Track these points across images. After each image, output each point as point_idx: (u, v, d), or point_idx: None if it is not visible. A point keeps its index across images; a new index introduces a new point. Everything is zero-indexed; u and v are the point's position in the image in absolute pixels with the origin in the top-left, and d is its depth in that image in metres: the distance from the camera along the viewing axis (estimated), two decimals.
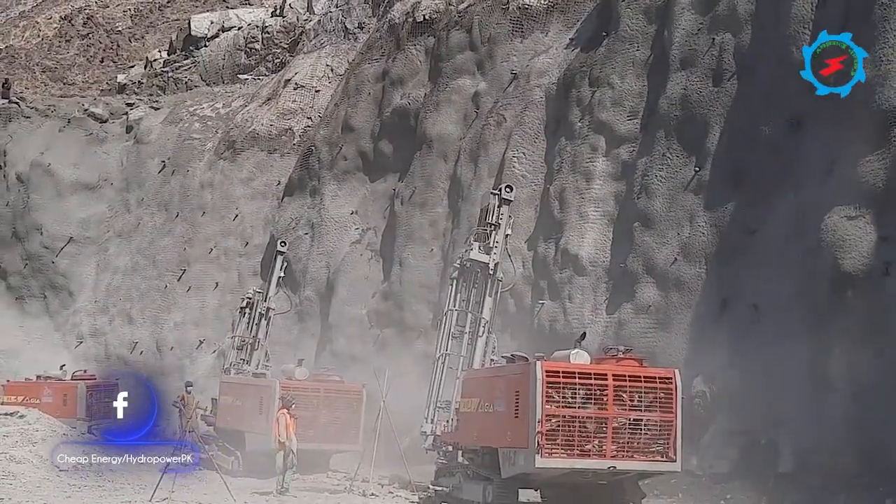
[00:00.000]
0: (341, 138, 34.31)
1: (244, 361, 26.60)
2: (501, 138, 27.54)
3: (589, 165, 24.35)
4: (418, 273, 29.19)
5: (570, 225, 24.19)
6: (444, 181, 29.74)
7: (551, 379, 14.69)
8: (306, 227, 34.32)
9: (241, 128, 39.87)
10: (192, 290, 37.87)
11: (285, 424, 19.55)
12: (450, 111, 30.20)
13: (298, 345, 31.94)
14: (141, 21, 77.78)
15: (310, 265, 33.29)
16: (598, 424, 14.75)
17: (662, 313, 21.22)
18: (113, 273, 40.41)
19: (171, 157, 41.02)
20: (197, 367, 36.01)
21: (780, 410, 17.50)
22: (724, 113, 21.26)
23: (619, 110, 24.15)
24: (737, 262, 19.72)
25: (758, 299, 18.73)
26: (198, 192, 39.38)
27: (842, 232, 17.15)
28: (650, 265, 21.90)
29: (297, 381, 22.92)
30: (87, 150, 42.52)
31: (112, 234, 41.14)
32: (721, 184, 20.86)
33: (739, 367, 18.65)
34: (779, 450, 17.59)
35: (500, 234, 18.95)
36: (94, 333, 39.67)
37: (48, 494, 16.96)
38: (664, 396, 15.07)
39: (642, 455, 14.96)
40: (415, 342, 28.15)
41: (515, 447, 15.11)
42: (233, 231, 38.09)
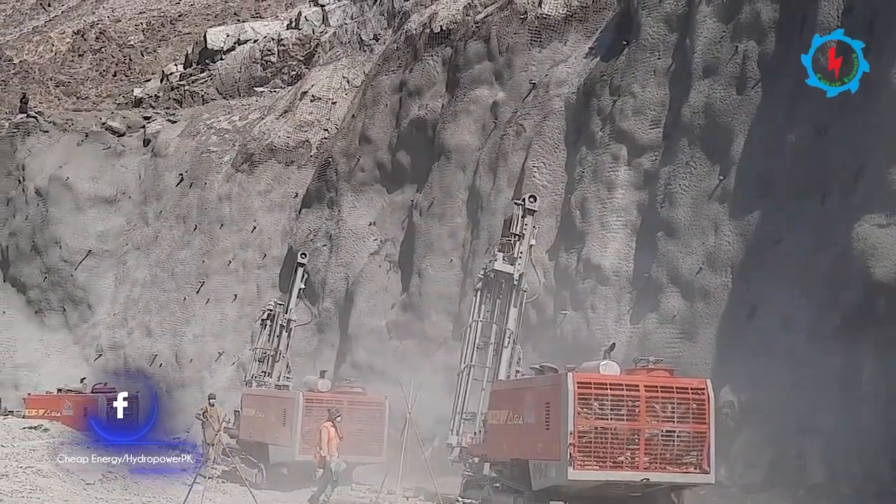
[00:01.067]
0: (359, 150, 34.32)
1: (265, 373, 26.57)
2: (521, 148, 27.47)
3: (611, 174, 24.25)
4: (438, 284, 29.12)
5: (593, 235, 24.08)
6: (463, 192, 29.68)
7: (583, 390, 14.59)
8: (324, 238, 34.32)
9: (259, 140, 39.94)
10: (210, 303, 37.91)
11: (328, 438, 19.33)
12: (468, 122, 30.16)
13: (318, 356, 31.92)
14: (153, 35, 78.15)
15: (328, 277, 33.27)
16: (630, 436, 14.63)
17: (688, 323, 21.08)
18: (132, 286, 40.48)
19: (189, 169, 41.13)
20: (216, 379, 36.02)
21: (811, 420, 17.35)
22: (749, 121, 21.14)
23: (641, 119, 24.05)
24: (764, 271, 19.57)
25: (786, 309, 18.58)
26: (216, 204, 39.45)
27: (872, 240, 17.01)
28: (674, 275, 21.77)
29: (319, 392, 22.85)
30: (105, 163, 42.70)
31: (130, 247, 41.23)
32: (746, 192, 20.73)
33: (768, 376, 18.50)
34: (809, 460, 17.45)
35: (524, 244, 18.85)
36: (114, 346, 39.73)
37: None
38: (697, 407, 14.95)
39: (675, 467, 14.83)
40: (435, 353, 28.06)
41: (547, 459, 14.99)
42: (251, 243, 38.14)
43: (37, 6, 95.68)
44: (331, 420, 19.56)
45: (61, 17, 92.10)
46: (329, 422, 19.53)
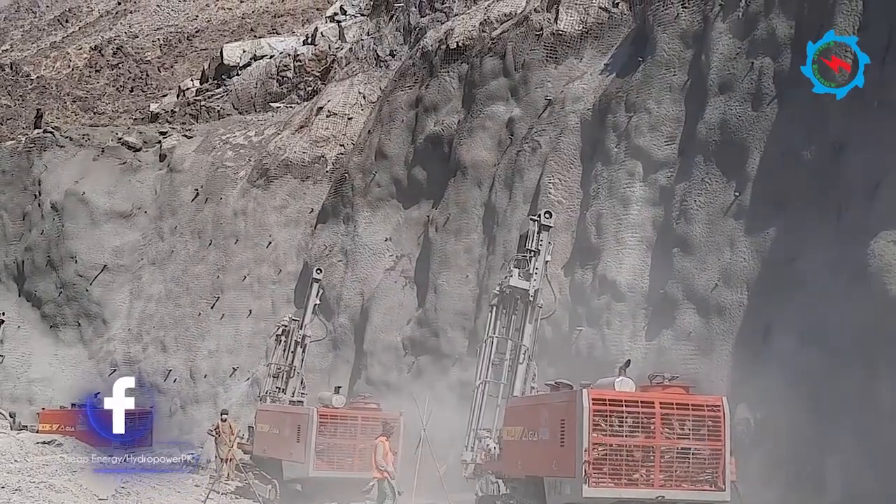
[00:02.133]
0: (375, 165, 34.39)
1: (280, 389, 26.58)
2: (536, 164, 27.47)
3: (626, 191, 24.21)
4: (453, 300, 29.08)
5: (608, 251, 24.03)
6: (479, 207, 29.69)
7: (598, 407, 14.55)
8: (340, 254, 34.35)
9: (274, 156, 40.07)
10: (225, 318, 37.95)
11: (384, 452, 19.26)
12: (484, 137, 30.19)
13: (333, 372, 31.90)
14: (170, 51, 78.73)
15: (344, 292, 33.28)
16: (645, 453, 14.58)
17: (703, 340, 20.98)
18: (146, 301, 40.57)
19: (205, 185, 41.26)
20: (230, 394, 36.02)
21: (828, 439, 17.22)
22: (764, 137, 21.08)
23: (657, 135, 24.03)
24: (780, 288, 19.47)
25: (802, 326, 18.47)
26: (231, 219, 39.55)
27: (889, 257, 16.90)
28: (690, 291, 21.69)
29: (334, 408, 22.82)
30: (120, 178, 42.88)
31: (146, 262, 41.35)
32: (762, 209, 20.65)
33: (784, 394, 18.36)
34: (826, 479, 17.30)
35: (539, 260, 18.86)
36: (128, 361, 39.77)
37: None
38: (712, 424, 14.90)
39: (691, 484, 14.77)
40: (450, 369, 28.01)
41: (561, 476, 14.94)
42: (266, 258, 38.19)
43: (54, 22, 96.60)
44: (385, 435, 19.45)
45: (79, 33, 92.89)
46: (384, 436, 19.42)
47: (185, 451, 34.73)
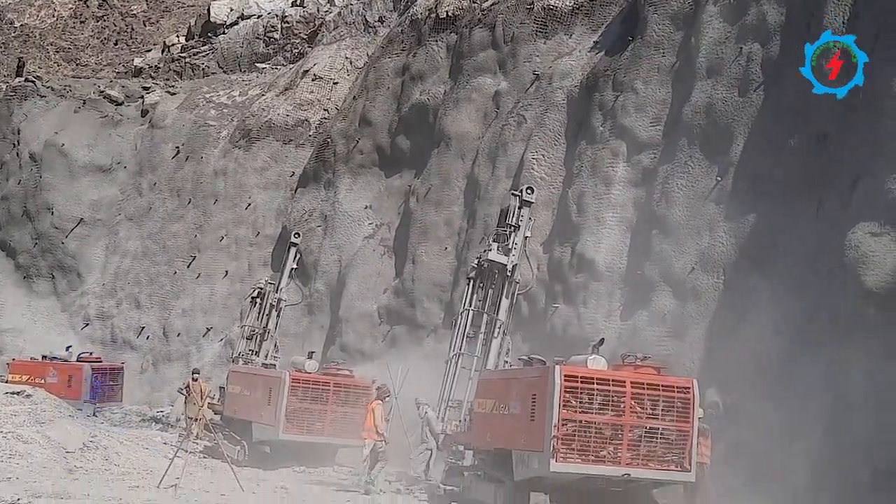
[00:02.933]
0: (358, 132, 34.24)
1: (253, 352, 26.56)
2: (521, 139, 27.41)
3: (609, 170, 24.21)
4: (431, 271, 29.09)
5: (588, 229, 24.05)
6: (461, 180, 29.63)
7: (569, 383, 14.61)
8: (319, 219, 34.25)
9: (257, 117, 39.82)
10: (201, 278, 37.85)
11: (381, 416, 19.22)
12: (469, 109, 30.09)
13: (307, 337, 31.89)
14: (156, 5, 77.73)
15: (321, 258, 33.21)
16: (614, 431, 14.67)
17: (678, 322, 21.07)
18: (122, 256, 40.39)
19: (186, 143, 41.01)
20: (203, 354, 35.98)
21: (796, 425, 17.34)
22: (749, 123, 21.08)
23: (642, 116, 24.00)
24: (756, 274, 19.54)
25: (777, 313, 18.54)
26: (211, 179, 39.35)
27: (865, 248, 16.96)
28: (667, 273, 21.75)
29: (306, 373, 22.84)
30: (101, 132, 42.56)
31: (123, 218, 41.13)
32: (743, 195, 20.68)
33: (755, 379, 18.51)
34: (793, 464, 17.43)
35: (519, 235, 18.88)
36: (101, 316, 39.67)
37: (55, 476, 16.87)
38: (681, 406, 14.99)
39: (657, 464, 14.88)
40: (425, 340, 28.08)
41: (530, 450, 15.02)
42: (245, 220, 38.05)
43: None
44: (380, 399, 19.43)
45: None
46: (378, 401, 19.40)
47: (155, 408, 34.76)
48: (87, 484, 15.89)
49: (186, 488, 16.02)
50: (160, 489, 15.88)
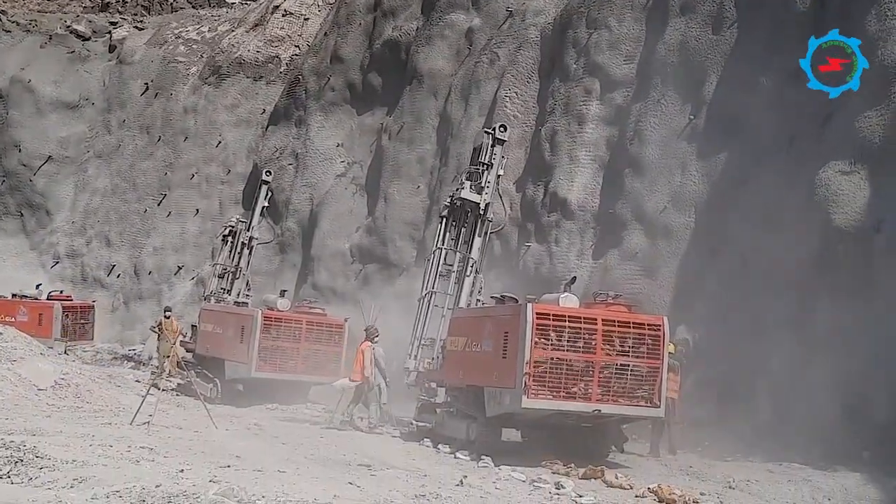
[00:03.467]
0: (329, 69, 33.86)
1: (225, 290, 26.50)
2: (494, 77, 27.23)
3: (582, 108, 24.13)
4: (403, 209, 29.02)
5: (561, 168, 24.03)
6: (434, 118, 29.45)
7: (541, 321, 14.72)
8: (290, 157, 34.00)
9: (227, 53, 39.31)
10: (172, 216, 37.63)
11: (371, 358, 19.18)
12: (442, 46, 29.81)
13: (279, 276, 31.86)
14: None
15: (293, 196, 33.04)
16: (585, 368, 14.83)
17: (649, 261, 21.20)
18: (91, 194, 40.03)
19: (155, 79, 40.47)
20: (175, 292, 35.89)
21: (762, 361, 17.60)
22: (722, 61, 21.05)
23: (616, 54, 23.87)
24: (727, 212, 19.65)
25: (746, 251, 18.71)
26: (181, 116, 38.93)
27: (835, 187, 17.12)
28: (639, 212, 21.83)
29: (279, 311, 22.84)
30: (68, 67, 41.90)
31: (92, 155, 40.70)
32: (715, 133, 20.71)
33: (724, 317, 18.73)
34: (758, 400, 17.72)
35: (492, 174, 18.87)
36: (71, 254, 39.41)
37: (27, 413, 16.82)
38: (652, 343, 15.17)
39: (627, 400, 15.09)
40: (397, 279, 28.09)
41: (502, 387, 15.17)
42: (215, 158, 37.75)
43: None
44: (369, 340, 19.33)
45: None
46: (368, 341, 19.30)
47: (126, 346, 34.71)
48: (60, 421, 15.86)
49: (159, 425, 16.01)
50: (133, 426, 15.87)
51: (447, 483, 12.52)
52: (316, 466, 13.08)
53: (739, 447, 17.01)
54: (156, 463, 11.55)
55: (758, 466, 15.57)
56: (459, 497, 11.21)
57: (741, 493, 13.71)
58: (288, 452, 14.52)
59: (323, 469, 12.82)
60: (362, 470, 13.17)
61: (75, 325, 32.54)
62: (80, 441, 13.03)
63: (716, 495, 13.37)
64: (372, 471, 13.11)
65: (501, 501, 11.40)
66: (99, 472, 10.27)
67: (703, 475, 15.03)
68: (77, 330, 32.68)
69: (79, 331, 32.82)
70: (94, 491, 9.15)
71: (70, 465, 10.61)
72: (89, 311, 33.87)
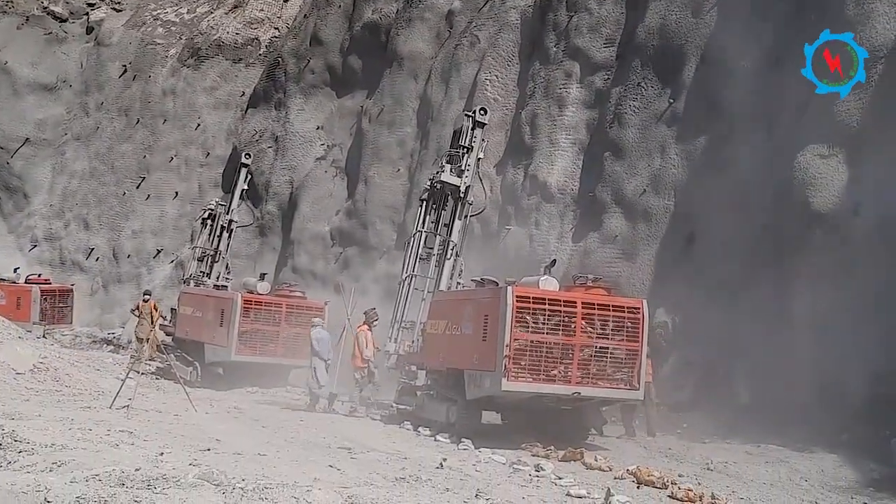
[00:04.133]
0: (309, 51, 33.72)
1: (204, 273, 26.42)
2: (474, 60, 27.18)
3: (562, 92, 24.14)
4: (384, 192, 28.99)
5: (541, 151, 24.06)
6: (414, 100, 29.40)
7: (521, 304, 14.74)
8: (270, 140, 33.88)
9: (206, 35, 39.05)
10: (151, 199, 37.45)
11: (364, 342, 19.06)
12: (422, 29, 29.73)
13: (259, 259, 31.79)
14: None
15: (273, 179, 32.94)
16: (564, 351, 14.87)
17: (629, 244, 21.28)
18: (70, 177, 39.76)
19: (133, 61, 40.17)
20: (154, 275, 35.75)
21: (741, 344, 17.68)
22: (702, 45, 21.09)
23: (596, 37, 23.89)
24: (706, 195, 19.71)
25: (725, 234, 18.79)
26: (159, 98, 38.68)
27: (813, 170, 17.20)
28: (619, 195, 21.89)
29: (258, 294, 22.80)
30: (45, 49, 41.53)
31: (70, 138, 40.40)
32: (695, 117, 20.78)
33: (703, 299, 18.78)
34: (736, 381, 17.84)
35: (472, 157, 18.85)
36: (49, 238, 39.17)
37: (5, 397, 16.72)
38: (631, 326, 15.23)
39: (606, 382, 15.15)
40: (377, 262, 28.08)
41: (482, 370, 15.19)
42: (194, 140, 37.55)
43: None
44: (367, 324, 19.22)
45: None
46: (366, 325, 19.20)
47: (106, 330, 34.58)
48: (39, 405, 15.77)
49: (139, 409, 15.95)
50: (112, 410, 15.81)
51: (427, 466, 12.54)
52: (296, 449, 13.08)
53: (718, 429, 17.11)
54: (135, 446, 11.52)
55: (736, 448, 15.68)
56: (440, 479, 11.23)
57: (719, 474, 13.81)
58: (268, 436, 14.51)
59: (303, 452, 12.82)
60: (343, 453, 13.17)
61: (54, 309, 32.39)
62: (59, 425, 12.97)
63: (694, 477, 13.45)
64: (352, 454, 13.12)
65: (481, 484, 11.43)
66: (78, 455, 10.23)
67: (682, 457, 15.13)
68: (56, 313, 32.53)
69: (57, 314, 32.67)
70: (74, 475, 9.12)
71: (49, 448, 10.56)
72: (68, 295, 33.71)
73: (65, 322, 33.10)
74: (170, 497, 8.48)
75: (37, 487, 8.52)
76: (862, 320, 15.38)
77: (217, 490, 8.93)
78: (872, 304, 15.32)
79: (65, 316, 33.18)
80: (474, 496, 10.36)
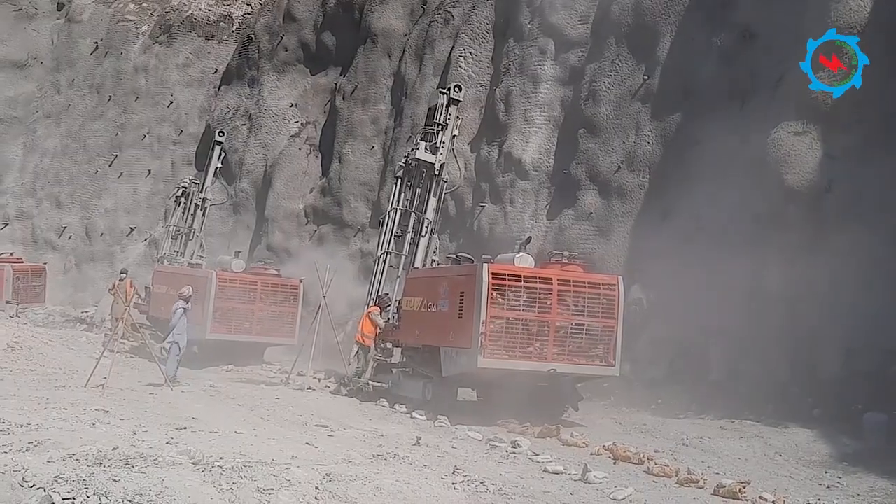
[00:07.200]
0: (282, 28, 33.50)
1: (178, 252, 26.32)
2: (448, 37, 27.10)
3: (537, 69, 24.11)
4: (358, 170, 28.92)
5: (515, 128, 24.05)
6: (388, 78, 29.30)
7: (497, 281, 14.79)
8: (244, 117, 33.69)
9: (178, 11, 38.67)
10: (123, 177, 37.18)
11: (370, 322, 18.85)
12: (396, 5, 29.60)
13: (233, 237, 31.66)
14: None
15: (246, 157, 32.78)
16: (540, 327, 14.94)
17: (603, 221, 21.33)
18: (41, 155, 39.37)
19: (105, 38, 39.73)
20: (127, 254, 35.54)
21: (715, 320, 17.78)
22: (677, 22, 21.09)
23: (570, 14, 23.84)
24: (680, 172, 19.76)
25: (699, 211, 18.84)
26: (131, 76, 38.33)
27: (787, 147, 17.28)
28: (593, 172, 21.92)
29: (233, 273, 22.73)
30: (15, 25, 40.98)
31: (41, 115, 39.96)
32: (669, 93, 20.81)
33: (677, 276, 18.83)
34: (710, 358, 17.97)
35: (447, 134, 18.86)
36: (21, 216, 38.81)
37: None
38: (607, 302, 15.32)
39: (582, 359, 15.24)
40: (352, 239, 28.06)
41: (458, 347, 15.25)
42: (167, 118, 37.25)
43: None
44: (378, 306, 18.94)
45: None
46: (376, 307, 18.95)
47: (79, 309, 34.36)
48: (13, 385, 15.70)
49: (114, 388, 15.91)
50: (88, 389, 15.77)
51: (404, 443, 12.60)
52: (273, 427, 13.10)
53: (692, 405, 17.25)
54: (111, 425, 11.50)
55: (710, 423, 15.81)
56: (417, 456, 11.28)
57: (694, 449, 13.94)
58: (244, 414, 14.52)
59: (280, 430, 12.84)
60: (319, 430, 13.20)
61: (26, 288, 32.19)
62: (35, 404, 12.93)
63: (670, 452, 13.57)
64: (329, 431, 13.15)
65: (458, 460, 11.49)
66: (54, 435, 10.20)
67: (657, 433, 15.25)
68: (28, 292, 32.33)
69: (30, 293, 32.47)
70: (51, 454, 9.10)
71: (25, 428, 10.52)
72: (41, 274, 33.49)
73: (38, 301, 32.89)
74: (148, 476, 8.48)
75: (14, 467, 8.49)
76: (835, 296, 15.53)
77: (196, 468, 8.94)
78: (845, 281, 15.45)
79: (38, 295, 32.97)
80: (451, 472, 10.41)
